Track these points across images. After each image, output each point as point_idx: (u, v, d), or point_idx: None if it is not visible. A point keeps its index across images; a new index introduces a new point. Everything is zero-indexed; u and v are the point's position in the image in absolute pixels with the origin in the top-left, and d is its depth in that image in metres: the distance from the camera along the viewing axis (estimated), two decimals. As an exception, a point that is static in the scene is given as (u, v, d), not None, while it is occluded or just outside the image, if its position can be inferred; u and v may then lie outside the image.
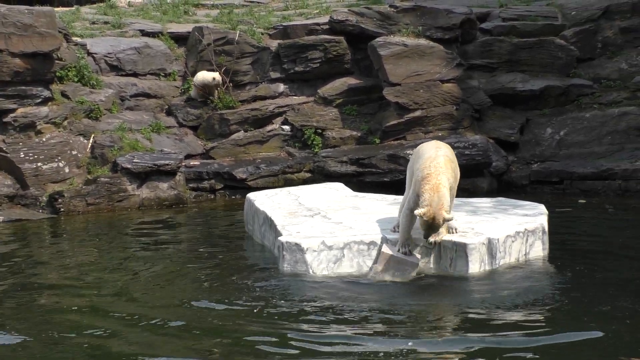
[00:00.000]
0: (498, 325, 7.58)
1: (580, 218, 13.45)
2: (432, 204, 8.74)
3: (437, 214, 8.74)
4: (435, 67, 16.86)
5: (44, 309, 8.68)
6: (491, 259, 9.27)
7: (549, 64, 17.42)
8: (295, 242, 9.40)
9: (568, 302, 8.28)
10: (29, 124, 15.13)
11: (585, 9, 18.05)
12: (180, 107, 17.32)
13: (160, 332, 7.76)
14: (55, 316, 8.42)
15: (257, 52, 17.66)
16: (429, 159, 9.09)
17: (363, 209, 11.01)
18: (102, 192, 14.85)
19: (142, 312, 8.39)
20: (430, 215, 8.76)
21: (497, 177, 16.13)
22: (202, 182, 16.03)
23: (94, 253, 11.57)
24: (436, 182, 8.85)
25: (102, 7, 21.48)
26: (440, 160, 9.06)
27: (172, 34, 18.57)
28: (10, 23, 14.90)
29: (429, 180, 8.88)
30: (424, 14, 17.38)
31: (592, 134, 16.59)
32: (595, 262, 10.03)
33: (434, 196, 8.76)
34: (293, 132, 17.20)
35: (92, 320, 8.21)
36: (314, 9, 20.53)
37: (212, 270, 10.18)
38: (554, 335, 7.25)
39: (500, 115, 17.23)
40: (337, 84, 17.50)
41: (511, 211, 10.58)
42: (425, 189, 8.84)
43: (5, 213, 14.28)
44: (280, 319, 7.91)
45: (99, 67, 17.27)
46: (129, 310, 8.43)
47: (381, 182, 15.47)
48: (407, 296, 8.65)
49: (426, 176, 8.92)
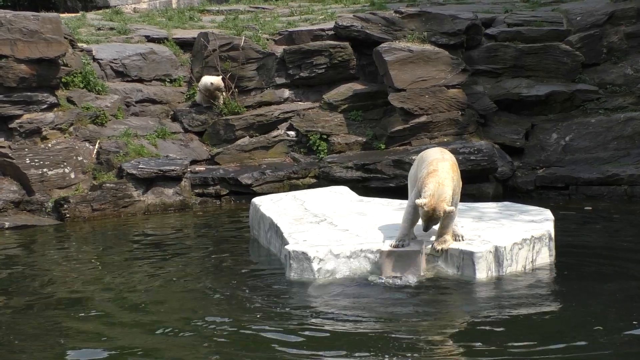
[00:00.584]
0: (504, 335, 7.57)
1: (586, 223, 13.43)
2: (434, 194, 8.83)
3: (438, 205, 8.82)
4: (441, 72, 16.85)
5: (50, 315, 8.69)
6: (498, 267, 9.26)
7: (554, 69, 17.40)
8: (302, 251, 9.40)
9: (575, 312, 8.26)
10: (34, 130, 15.14)
11: (590, 14, 18.02)
12: (186, 112, 17.32)
13: (164, 338, 7.78)
14: (60, 322, 8.43)
15: (263, 57, 17.66)
16: (436, 160, 9.17)
17: (369, 214, 10.99)
18: (108, 198, 14.85)
19: (147, 318, 8.42)
20: (431, 206, 8.83)
21: (502, 182, 16.11)
22: (208, 188, 16.02)
23: (100, 259, 11.59)
24: (442, 177, 8.95)
25: (108, 13, 21.52)
26: (446, 164, 9.15)
27: (178, 40, 18.58)
28: (16, 29, 14.92)
29: (435, 175, 8.97)
30: (429, 19, 17.38)
31: (597, 139, 16.58)
32: (602, 268, 10.02)
33: (438, 188, 8.86)
34: (298, 138, 17.21)
35: (98, 326, 8.23)
36: (319, 14, 20.54)
37: (218, 275, 10.18)
38: (561, 346, 7.25)
39: (506, 121, 17.22)
40: (343, 89, 17.49)
41: (517, 217, 10.56)
42: (430, 180, 8.93)
43: (11, 219, 14.29)
44: (287, 326, 7.92)
45: (104, 73, 17.28)
46: (135, 316, 8.46)
47: (387, 188, 15.45)
48: (416, 305, 8.61)
49: (432, 172, 9.01)
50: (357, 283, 9.26)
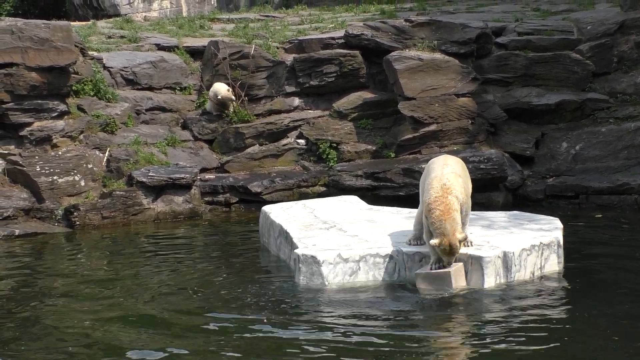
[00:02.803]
0: (512, 341, 7.55)
1: (595, 233, 13.37)
2: (444, 232, 8.86)
3: (452, 241, 8.87)
4: (451, 81, 16.84)
5: (61, 324, 8.70)
6: (507, 273, 9.26)
7: (564, 78, 17.37)
8: (311, 255, 9.43)
9: (584, 320, 8.23)
10: (45, 137, 15.20)
11: (601, 23, 18.00)
12: (196, 120, 17.36)
13: (174, 344, 7.78)
14: (72, 330, 8.44)
15: (273, 66, 17.69)
16: (436, 178, 9.14)
17: (378, 222, 11.01)
18: (118, 206, 14.87)
19: (158, 324, 8.42)
20: (446, 244, 8.88)
21: (512, 191, 16.07)
22: (217, 196, 16.03)
23: (110, 267, 11.59)
24: (445, 207, 8.92)
25: (119, 22, 21.62)
26: (448, 178, 9.10)
27: (188, 48, 18.66)
28: (27, 37, 14.99)
29: (438, 205, 8.96)
30: (439, 28, 17.39)
31: (607, 148, 16.53)
32: (611, 276, 9.99)
33: (445, 224, 8.86)
34: (308, 146, 17.22)
35: (107, 335, 8.24)
36: (329, 23, 20.58)
37: (229, 282, 10.19)
38: (570, 354, 7.23)
39: (516, 130, 17.18)
40: (352, 98, 17.50)
41: (526, 225, 10.55)
42: (436, 215, 8.92)
43: (21, 226, 14.31)
44: (296, 330, 7.93)
45: (114, 81, 17.35)
46: (149, 324, 8.46)
47: (396, 196, 15.42)
48: (424, 310, 8.62)
49: (434, 201, 9.00)
50: (365, 287, 9.27)
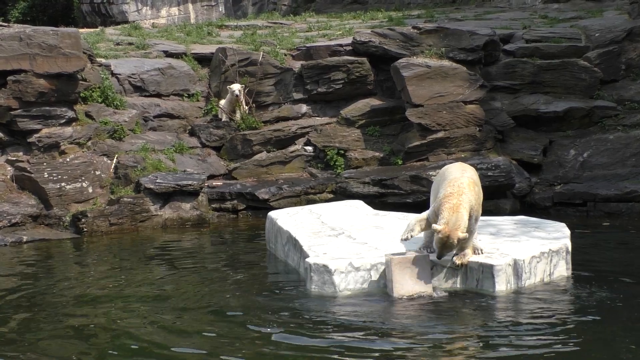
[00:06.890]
0: (523, 347, 7.53)
1: (603, 239, 13.34)
2: (449, 222, 8.97)
3: (453, 233, 8.94)
4: (458, 88, 16.84)
5: (71, 330, 8.69)
6: (517, 280, 9.25)
7: (572, 85, 17.37)
8: (323, 264, 9.40)
9: (592, 326, 8.20)
10: (53, 144, 15.22)
11: (609, 30, 18.01)
12: (204, 127, 17.37)
13: (183, 348, 7.78)
14: (80, 337, 8.44)
15: (280, 73, 17.71)
16: (454, 179, 9.27)
17: (386, 228, 10.99)
18: (125, 212, 14.87)
19: (165, 330, 8.41)
20: (445, 233, 8.95)
21: (520, 198, 16.05)
22: (225, 203, 16.02)
23: (118, 273, 11.57)
24: (457, 202, 9.04)
25: (127, 29, 21.66)
26: (464, 181, 9.23)
27: (196, 55, 18.68)
28: (35, 44, 15.02)
29: (450, 199, 9.08)
30: (447, 35, 17.40)
31: (615, 155, 16.51)
32: (618, 282, 9.95)
33: (452, 215, 8.98)
34: (315, 153, 17.21)
35: (114, 340, 8.24)
36: (337, 30, 20.60)
37: (236, 288, 10.16)
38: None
39: (524, 137, 17.17)
40: (360, 104, 17.51)
41: (534, 232, 10.53)
42: (445, 207, 9.06)
43: (29, 233, 14.33)
44: (310, 337, 7.93)
45: (122, 88, 17.37)
46: (158, 331, 8.44)
47: (404, 203, 15.38)
48: (435, 318, 8.58)
49: (448, 195, 9.12)
50: (377, 296, 9.24)
